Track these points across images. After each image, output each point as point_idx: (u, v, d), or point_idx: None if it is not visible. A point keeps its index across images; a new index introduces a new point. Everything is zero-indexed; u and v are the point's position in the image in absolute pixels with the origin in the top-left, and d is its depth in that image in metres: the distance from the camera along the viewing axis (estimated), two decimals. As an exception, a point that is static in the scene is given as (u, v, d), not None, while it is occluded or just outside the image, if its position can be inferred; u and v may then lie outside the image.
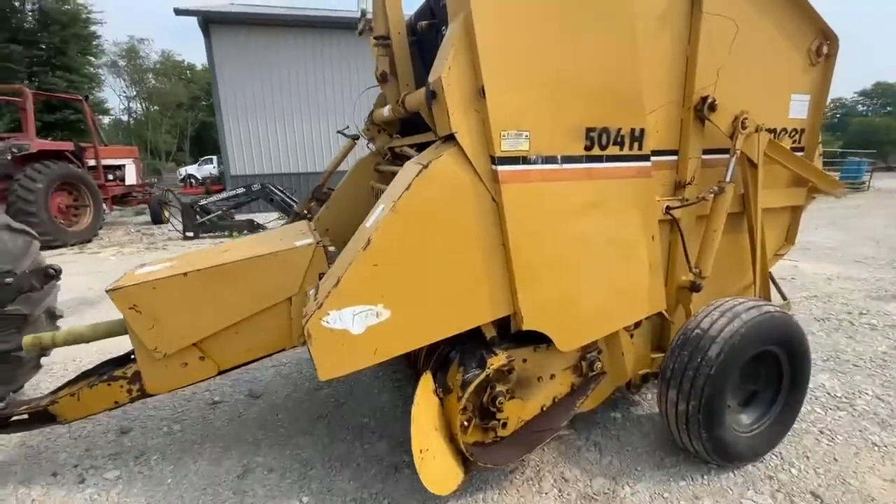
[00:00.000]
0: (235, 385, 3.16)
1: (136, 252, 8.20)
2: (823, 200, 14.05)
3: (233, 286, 2.00)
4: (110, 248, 8.61)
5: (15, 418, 2.13)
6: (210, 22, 11.46)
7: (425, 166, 1.70)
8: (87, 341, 2.22)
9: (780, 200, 2.80)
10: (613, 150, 1.99)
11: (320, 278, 2.01)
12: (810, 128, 2.78)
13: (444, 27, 2.09)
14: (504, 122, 1.74)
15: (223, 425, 2.72)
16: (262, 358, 2.20)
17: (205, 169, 25.63)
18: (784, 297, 3.01)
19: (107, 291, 1.93)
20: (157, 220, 10.77)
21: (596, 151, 1.95)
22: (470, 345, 2.10)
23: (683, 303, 2.51)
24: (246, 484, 2.21)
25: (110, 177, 10.34)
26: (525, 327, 1.96)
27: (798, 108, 2.71)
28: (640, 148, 2.04)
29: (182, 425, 2.72)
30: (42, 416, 2.12)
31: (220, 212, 9.22)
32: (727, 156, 2.38)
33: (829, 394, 2.91)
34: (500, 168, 1.76)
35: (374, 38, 2.38)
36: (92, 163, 9.68)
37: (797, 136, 2.76)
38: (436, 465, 1.82)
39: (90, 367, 2.27)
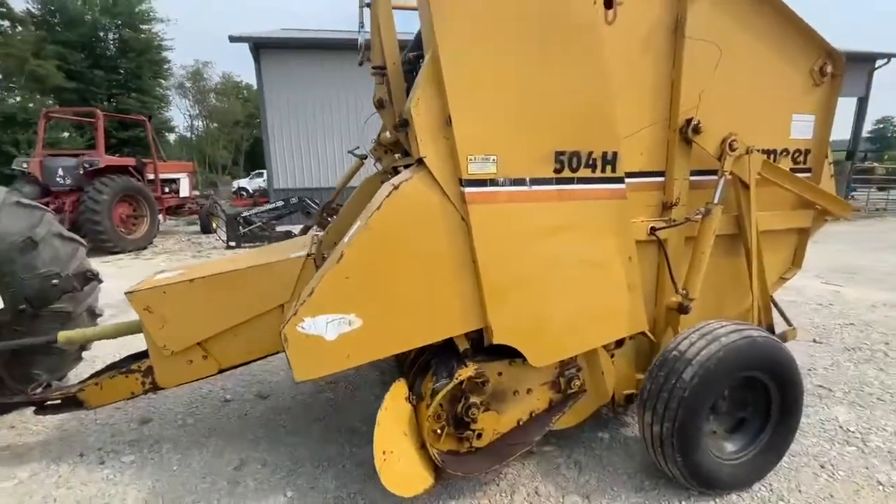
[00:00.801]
0: (247, 386, 3.40)
1: (184, 259, 8.89)
2: (885, 221, 12.95)
3: (231, 293, 2.22)
4: (162, 254, 9.38)
5: (50, 402, 2.44)
6: (260, 47, 12.38)
7: (396, 187, 1.85)
8: (112, 338, 2.52)
9: (784, 223, 2.73)
10: (585, 172, 2.05)
11: None
12: (817, 148, 2.70)
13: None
14: (470, 147, 1.86)
15: (230, 421, 2.94)
16: (259, 359, 2.41)
17: (255, 182, 27.22)
18: (789, 323, 2.88)
19: (125, 294, 2.20)
20: (206, 229, 11.60)
21: (566, 174, 2.03)
22: (445, 355, 2.21)
23: (672, 325, 2.49)
24: (240, 476, 2.40)
25: (166, 189, 11.30)
26: (495, 341, 2.05)
27: (801, 129, 2.65)
28: (613, 170, 2.09)
29: (195, 419, 2.97)
30: (71, 402, 2.42)
31: (260, 223, 9.81)
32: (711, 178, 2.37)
33: (840, 427, 2.75)
34: (467, 190, 1.88)
35: (373, 67, 2.58)
36: (151, 177, 10.63)
37: (801, 158, 2.69)
38: (400, 467, 1.92)
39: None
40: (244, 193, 26.15)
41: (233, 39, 12.22)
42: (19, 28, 25.51)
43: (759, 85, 2.48)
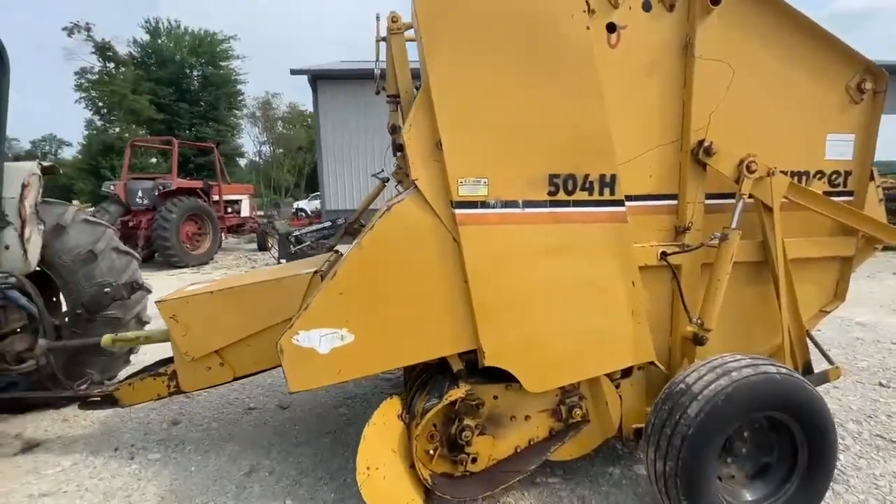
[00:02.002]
0: (271, 396, 3.57)
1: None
2: None
3: (245, 305, 2.39)
4: (220, 270, 10.12)
5: (91, 399, 2.71)
6: (317, 78, 13.34)
7: (389, 209, 1.94)
8: (147, 343, 2.76)
9: (821, 250, 2.50)
10: (581, 195, 2.03)
11: None
12: (859, 170, 2.48)
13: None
14: (461, 170, 1.91)
15: (250, 429, 3.10)
16: (270, 369, 2.54)
17: (313, 203, 28.76)
18: (830, 361, 2.59)
19: (155, 302, 2.43)
20: (262, 247, 12.39)
21: (561, 196, 2.01)
22: (442, 375, 2.22)
23: (689, 356, 2.33)
24: (248, 481, 2.51)
25: (229, 209, 12.27)
26: (487, 363, 2.04)
27: (838, 150, 2.45)
28: (611, 193, 2.05)
29: (219, 423, 3.16)
30: (109, 399, 2.67)
31: (309, 242, 10.34)
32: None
33: (898, 485, 2.41)
34: (458, 211, 1.93)
35: (388, 96, 2.73)
36: (216, 198, 11.61)
37: (839, 180, 2.48)
38: (385, 485, 1.93)
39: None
40: (302, 214, 27.72)
41: (293, 72, 13.27)
42: (122, 69, 29.20)
43: (784, 104, 2.34)
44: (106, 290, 3.09)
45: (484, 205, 1.95)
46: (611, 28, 2.10)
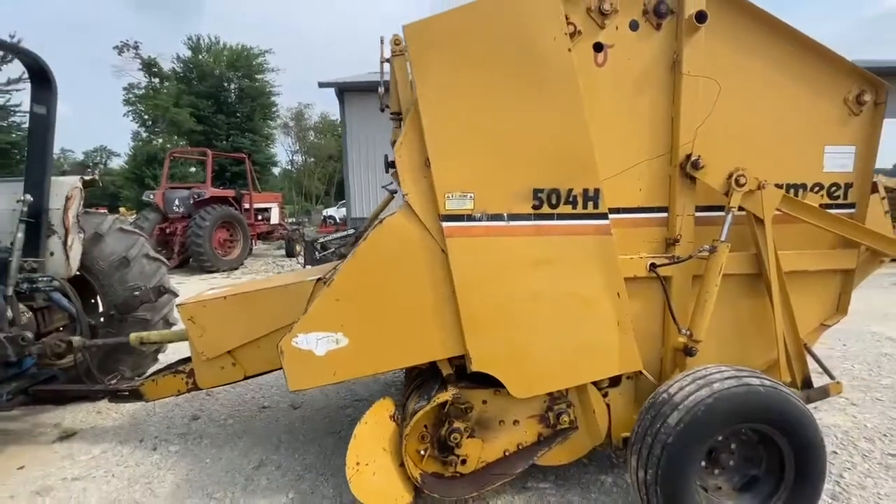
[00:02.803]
0: (284, 396, 3.76)
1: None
2: None
3: (254, 309, 2.57)
4: (249, 275, 10.57)
5: (120, 393, 2.96)
6: (344, 90, 13.78)
7: (381, 221, 2.08)
8: (169, 342, 3.00)
9: (819, 263, 2.47)
10: (566, 209, 2.11)
11: None
12: (860, 182, 2.45)
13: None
14: (448, 185, 2.03)
15: (262, 426, 3.29)
16: (278, 369, 2.70)
17: (341, 211, 29.46)
18: (831, 376, 2.53)
19: (176, 305, 2.65)
20: (290, 253, 12.84)
21: (545, 210, 2.10)
22: (434, 379, 2.33)
23: (680, 367, 2.36)
24: (256, 474, 2.68)
25: (259, 217, 12.81)
26: (474, 369, 2.14)
27: (837, 162, 2.43)
28: (595, 207, 2.12)
29: (234, 420, 3.37)
30: (135, 394, 2.91)
31: (333, 249, 10.67)
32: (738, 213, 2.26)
33: (903, 506, 2.34)
34: (445, 224, 2.05)
35: (391, 113, 2.88)
36: (246, 206, 12.15)
37: (839, 192, 2.45)
38: (375, 480, 2.05)
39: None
40: (331, 221, 28.45)
41: (321, 85, 13.77)
42: (165, 83, 30.93)
43: (778, 118, 2.35)
44: (136, 293, 3.37)
45: (470, 218, 2.06)
46: (598, 47, 2.19)
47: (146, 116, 31.31)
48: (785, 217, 2.33)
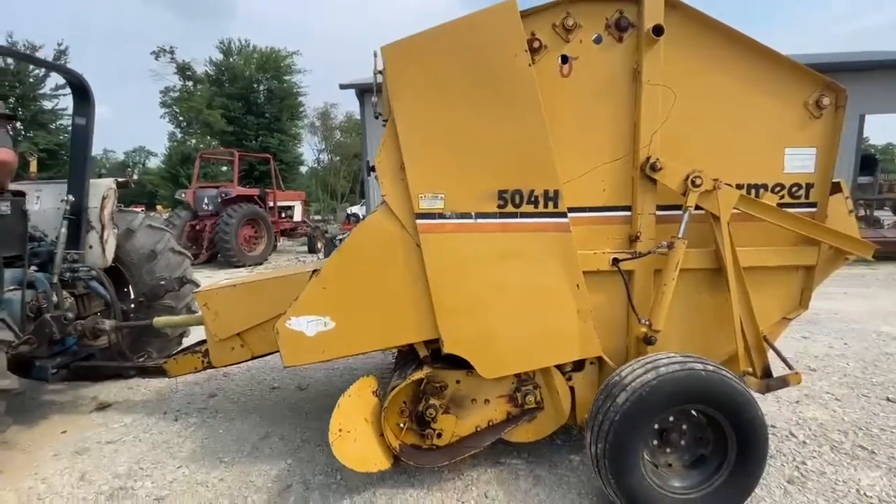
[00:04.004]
0: (293, 378, 4.11)
1: (289, 274, 10.44)
2: None
3: (259, 296, 2.89)
4: (272, 270, 11.12)
5: (147, 369, 3.36)
6: (364, 91, 14.15)
7: (363, 219, 2.35)
8: (188, 325, 3.37)
9: (781, 259, 2.60)
10: (528, 208, 2.33)
11: None
12: (821, 182, 2.56)
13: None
14: (421, 187, 2.29)
15: (271, 404, 3.64)
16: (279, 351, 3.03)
17: (364, 209, 30.07)
18: (790, 367, 2.64)
19: (193, 293, 3.01)
20: (312, 249, 13.38)
21: (510, 209, 2.33)
22: (412, 360, 2.60)
23: (641, 355, 2.54)
24: (261, 444, 3.02)
25: (283, 215, 13.40)
26: (446, 351, 2.39)
27: (798, 163, 2.55)
28: (555, 206, 2.33)
29: (247, 398, 3.73)
30: (159, 370, 3.30)
31: (351, 245, 11.09)
32: (696, 212, 2.43)
33: (857, 491, 2.46)
34: (419, 221, 2.30)
35: (383, 121, 3.15)
36: (271, 204, 12.73)
37: (801, 192, 2.57)
38: (355, 446, 2.33)
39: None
40: (353, 219, 29.10)
41: (342, 86, 14.21)
42: (199, 86, 32.26)
43: (737, 122, 2.49)
44: (161, 282, 3.77)
45: (441, 216, 2.31)
46: (563, 59, 2.39)
47: (181, 118, 32.78)
48: (746, 215, 2.47)
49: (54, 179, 3.85)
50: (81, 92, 3.55)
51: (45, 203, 3.71)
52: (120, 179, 3.87)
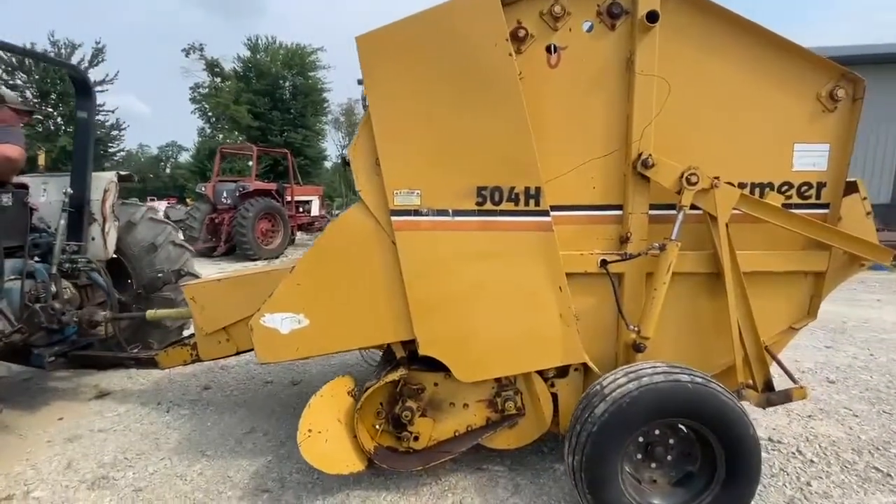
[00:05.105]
0: (287, 373, 4.11)
1: (303, 268, 10.55)
2: None
3: (242, 291, 2.88)
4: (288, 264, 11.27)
5: (140, 360, 3.41)
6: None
7: (338, 215, 2.29)
8: (178, 318, 3.40)
9: (787, 264, 2.40)
10: (508, 206, 2.22)
11: None
12: (834, 181, 2.35)
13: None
14: (396, 183, 2.21)
15: (262, 398, 3.64)
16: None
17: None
18: (794, 381, 2.44)
19: (181, 286, 3.02)
20: (328, 244, 13.50)
21: (489, 206, 2.22)
22: (389, 362, 2.53)
23: (630, 362, 2.40)
24: (246, 438, 3.02)
25: (300, 209, 13.57)
26: (422, 352, 2.31)
27: (809, 160, 2.35)
28: (537, 204, 2.21)
29: (239, 392, 3.75)
30: (151, 362, 3.34)
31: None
32: (693, 212, 2.27)
33: (866, 518, 2.26)
34: (394, 218, 2.23)
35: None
36: (288, 199, 12.90)
37: (811, 192, 2.37)
38: (326, 447, 2.28)
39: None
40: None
41: (360, 82, 14.23)
42: (227, 82, 33.03)
43: (740, 115, 2.31)
44: (159, 275, 3.82)
45: (417, 213, 2.22)
46: (551, 49, 2.26)
47: (210, 113, 33.65)
48: (749, 216, 2.29)
49: (61, 173, 3.95)
50: (82, 86, 3.62)
51: (51, 195, 3.80)
52: (122, 173, 3.94)
